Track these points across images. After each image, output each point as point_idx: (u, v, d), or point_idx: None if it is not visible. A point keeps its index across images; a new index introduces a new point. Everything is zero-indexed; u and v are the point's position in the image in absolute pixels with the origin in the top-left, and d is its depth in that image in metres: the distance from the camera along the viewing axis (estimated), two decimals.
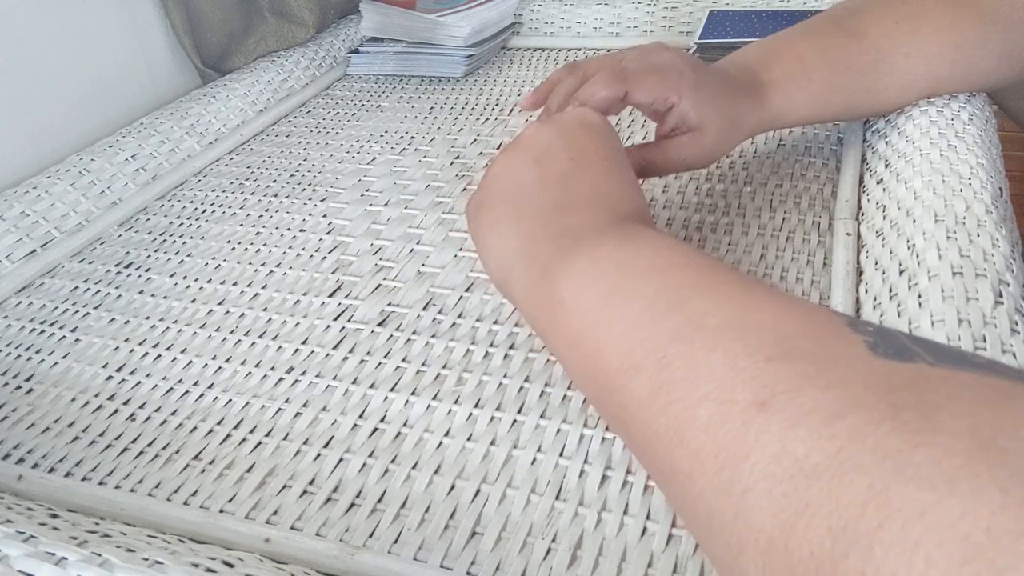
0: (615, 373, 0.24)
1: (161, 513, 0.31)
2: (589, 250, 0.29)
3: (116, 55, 0.64)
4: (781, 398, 0.19)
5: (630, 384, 0.24)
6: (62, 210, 0.52)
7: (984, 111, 0.46)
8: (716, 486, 0.19)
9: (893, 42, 0.44)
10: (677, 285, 0.25)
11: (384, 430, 0.33)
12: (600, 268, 0.28)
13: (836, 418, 0.18)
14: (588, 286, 0.27)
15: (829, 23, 0.46)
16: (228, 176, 0.59)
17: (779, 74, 0.45)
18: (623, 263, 0.27)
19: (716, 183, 0.49)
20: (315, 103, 0.72)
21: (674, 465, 0.21)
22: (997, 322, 0.30)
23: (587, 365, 0.26)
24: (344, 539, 0.29)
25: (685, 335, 0.23)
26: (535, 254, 0.30)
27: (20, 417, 0.37)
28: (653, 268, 0.26)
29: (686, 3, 0.77)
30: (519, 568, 0.27)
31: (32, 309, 0.45)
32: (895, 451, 0.16)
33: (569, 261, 0.29)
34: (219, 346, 0.40)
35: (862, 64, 0.45)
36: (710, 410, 0.20)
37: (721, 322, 0.23)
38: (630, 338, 0.24)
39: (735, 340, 0.22)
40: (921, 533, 0.15)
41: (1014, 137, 1.41)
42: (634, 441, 0.24)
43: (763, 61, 0.46)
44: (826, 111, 0.46)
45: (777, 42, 0.47)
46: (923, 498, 0.15)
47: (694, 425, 0.21)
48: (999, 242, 0.34)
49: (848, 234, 0.42)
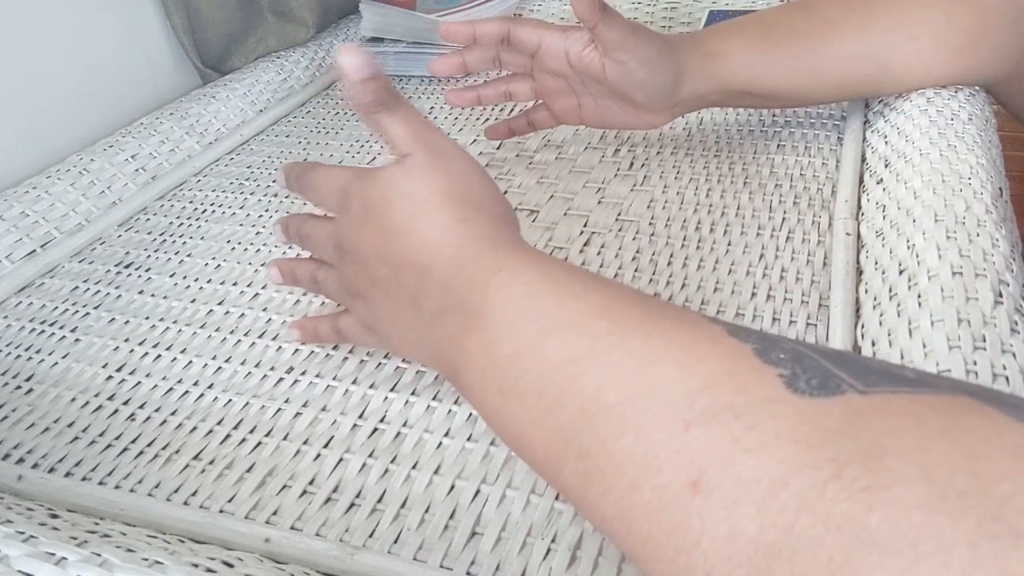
0: (542, 466, 0.24)
1: (161, 513, 0.31)
2: (458, 345, 0.27)
3: (116, 55, 0.64)
4: (713, 472, 0.18)
5: (560, 476, 0.23)
6: (62, 210, 0.52)
7: (984, 111, 0.46)
8: (676, 570, 0.18)
9: (843, 14, 0.45)
10: (556, 363, 0.23)
11: (384, 430, 0.33)
12: (477, 364, 0.26)
13: (778, 487, 0.17)
14: (481, 388, 0.26)
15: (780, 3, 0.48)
16: (228, 176, 0.59)
17: (714, 31, 0.47)
18: (491, 355, 0.25)
19: (716, 183, 0.49)
20: (315, 103, 0.72)
21: (630, 550, 0.20)
22: (997, 322, 0.30)
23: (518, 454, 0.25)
24: (344, 539, 0.29)
25: (589, 419, 0.21)
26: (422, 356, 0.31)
27: (20, 417, 0.37)
28: (519, 353, 0.24)
29: (686, 3, 0.77)
30: (519, 568, 0.27)
31: (32, 309, 0.45)
32: (848, 518, 0.15)
33: (447, 364, 0.28)
34: (219, 346, 0.40)
35: (805, 27, 0.45)
36: (645, 497, 0.19)
37: (620, 395, 0.21)
38: (541, 432, 0.23)
39: (642, 412, 0.20)
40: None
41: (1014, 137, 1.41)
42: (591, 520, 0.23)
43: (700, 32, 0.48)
44: (771, 67, 0.46)
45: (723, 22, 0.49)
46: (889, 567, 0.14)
47: (636, 512, 0.19)
48: (999, 242, 0.34)
49: (848, 234, 0.42)
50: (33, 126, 0.57)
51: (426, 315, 0.29)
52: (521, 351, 0.24)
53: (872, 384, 0.18)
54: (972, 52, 0.44)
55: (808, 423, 0.18)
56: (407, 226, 0.29)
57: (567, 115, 0.50)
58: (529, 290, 0.25)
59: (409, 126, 0.31)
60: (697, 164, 0.52)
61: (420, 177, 0.29)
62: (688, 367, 0.20)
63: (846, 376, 0.18)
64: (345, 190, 0.32)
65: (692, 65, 0.46)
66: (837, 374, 0.19)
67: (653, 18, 0.77)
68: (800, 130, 0.54)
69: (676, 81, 0.46)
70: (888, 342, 0.32)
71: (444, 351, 0.28)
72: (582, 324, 0.23)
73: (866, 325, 0.35)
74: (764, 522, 0.17)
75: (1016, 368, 0.28)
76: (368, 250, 0.31)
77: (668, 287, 0.40)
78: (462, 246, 0.28)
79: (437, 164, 0.30)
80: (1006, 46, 0.44)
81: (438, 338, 0.28)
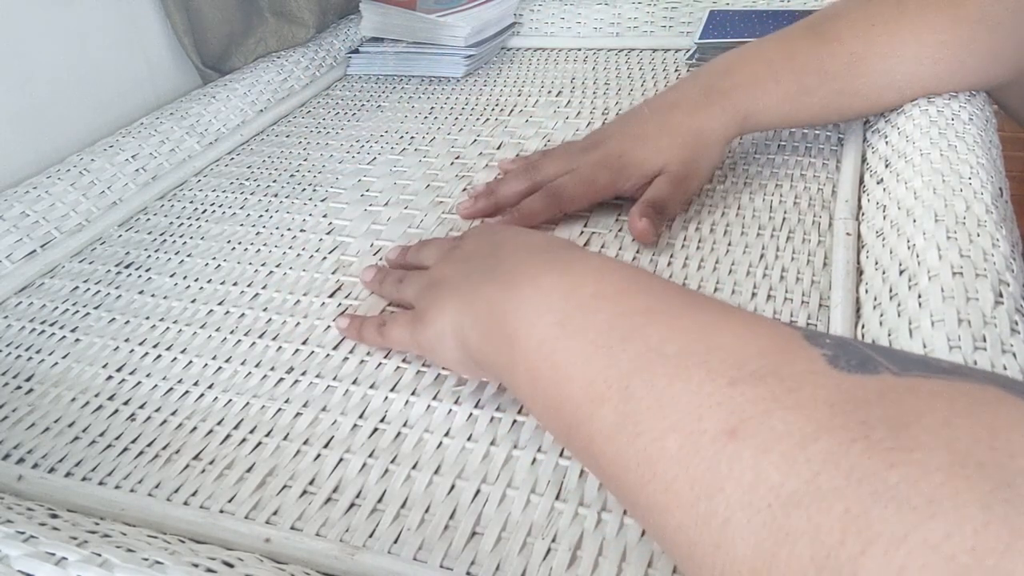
0: (579, 405, 0.24)
1: (161, 513, 0.30)
2: (532, 280, 0.28)
3: (116, 55, 0.64)
4: (750, 424, 0.19)
5: (595, 415, 0.23)
6: (62, 210, 0.52)
7: (984, 111, 0.46)
8: (694, 518, 0.19)
9: (868, 45, 0.45)
10: (628, 312, 0.25)
11: (384, 430, 0.33)
12: (546, 298, 0.27)
13: (808, 441, 0.18)
14: (538, 318, 0.27)
15: (804, 29, 0.47)
16: (228, 176, 0.59)
17: (743, 78, 0.46)
18: (568, 292, 0.27)
19: (716, 183, 0.49)
20: (315, 103, 0.72)
21: (648, 499, 0.21)
22: (997, 322, 0.30)
23: (549, 398, 0.26)
24: (344, 539, 0.29)
25: (645, 364, 0.22)
26: (481, 297, 0.30)
27: (20, 417, 0.37)
28: (600, 296, 0.26)
29: (686, 3, 0.77)
30: (519, 568, 0.27)
31: (32, 309, 0.45)
32: (870, 473, 0.16)
33: (514, 292, 0.28)
34: (219, 346, 0.40)
35: (835, 67, 0.45)
36: (679, 441, 0.20)
37: (680, 348, 0.22)
38: (590, 368, 0.24)
39: (697, 367, 0.21)
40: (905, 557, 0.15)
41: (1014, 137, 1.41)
42: (605, 474, 0.23)
43: (728, 68, 0.47)
44: (801, 112, 0.46)
45: (749, 48, 0.48)
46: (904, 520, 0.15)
47: (665, 457, 0.20)
48: (999, 242, 0.34)
49: (848, 234, 0.42)
50: (33, 126, 0.57)
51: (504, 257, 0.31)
52: (601, 295, 0.26)
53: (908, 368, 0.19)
54: (986, 72, 0.45)
55: (845, 393, 0.19)
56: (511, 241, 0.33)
57: None
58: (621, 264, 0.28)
59: None
60: None
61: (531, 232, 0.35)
62: (745, 338, 0.22)
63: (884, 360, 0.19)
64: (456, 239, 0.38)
65: (730, 133, 0.46)
66: (876, 359, 0.20)
67: (653, 18, 0.78)
68: (800, 130, 0.54)
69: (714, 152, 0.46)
70: (888, 342, 0.32)
71: (504, 286, 0.29)
72: (659, 291, 0.26)
73: (866, 325, 0.35)
74: (789, 472, 0.17)
75: (1016, 368, 0.28)
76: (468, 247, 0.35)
77: None
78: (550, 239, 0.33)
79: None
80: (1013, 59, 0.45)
81: (505, 275, 0.30)
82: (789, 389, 0.19)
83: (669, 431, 0.20)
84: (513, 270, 0.30)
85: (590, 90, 0.67)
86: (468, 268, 0.33)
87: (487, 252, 0.33)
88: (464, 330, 0.31)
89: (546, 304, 0.27)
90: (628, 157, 0.45)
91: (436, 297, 0.33)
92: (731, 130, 0.46)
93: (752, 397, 0.20)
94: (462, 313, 0.31)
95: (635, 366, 0.23)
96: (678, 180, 0.45)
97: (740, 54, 0.47)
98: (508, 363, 0.28)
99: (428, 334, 0.33)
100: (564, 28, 0.81)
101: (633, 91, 0.66)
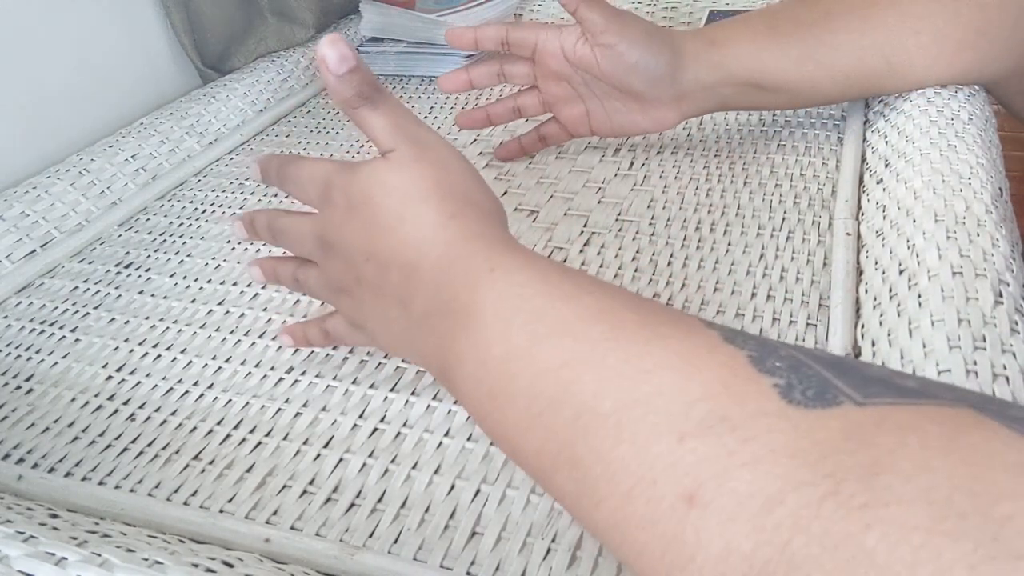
0: (535, 472, 0.23)
1: (161, 513, 0.31)
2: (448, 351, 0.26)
3: (116, 55, 0.64)
4: (708, 487, 0.18)
5: (553, 482, 0.22)
6: (62, 210, 0.52)
7: (984, 111, 0.46)
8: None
9: (845, 6, 0.45)
10: (548, 367, 0.22)
11: (384, 430, 0.33)
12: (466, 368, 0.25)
13: (774, 504, 0.16)
14: (471, 391, 0.25)
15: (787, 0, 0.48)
16: (228, 176, 0.59)
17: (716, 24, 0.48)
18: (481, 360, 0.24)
19: (716, 183, 0.49)
20: (315, 103, 0.72)
21: (625, 560, 0.20)
22: (997, 322, 0.30)
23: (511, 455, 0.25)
24: (344, 539, 0.29)
25: (583, 429, 0.21)
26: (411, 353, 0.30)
27: (20, 417, 0.37)
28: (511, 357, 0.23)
29: (686, 3, 0.77)
30: (519, 568, 0.27)
31: (32, 309, 0.45)
32: (845, 537, 0.15)
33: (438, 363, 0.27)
34: (219, 346, 0.40)
35: (810, 18, 0.45)
36: (640, 510, 0.19)
37: (615, 403, 0.20)
38: (532, 440, 0.22)
39: (638, 422, 0.20)
40: None
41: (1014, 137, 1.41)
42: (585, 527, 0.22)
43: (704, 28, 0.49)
44: (778, 54, 0.45)
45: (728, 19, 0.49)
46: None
47: (630, 524, 0.19)
48: (999, 242, 0.34)
49: (848, 234, 0.42)
50: (33, 126, 0.57)
51: (414, 315, 0.28)
52: (513, 354, 0.23)
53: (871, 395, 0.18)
54: (974, 48, 0.44)
55: (805, 437, 0.17)
56: (394, 222, 0.28)
57: (577, 125, 0.50)
58: (522, 291, 0.25)
59: (392, 118, 0.30)
60: (697, 164, 0.52)
61: (406, 170, 0.28)
62: (686, 376, 0.20)
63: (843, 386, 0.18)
64: (328, 181, 0.30)
65: (694, 50, 0.45)
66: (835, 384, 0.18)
67: (653, 18, 0.77)
68: (800, 130, 0.54)
69: (675, 64, 0.45)
70: (888, 342, 0.32)
71: (433, 352, 0.27)
72: (577, 328, 0.23)
73: (866, 325, 0.35)
74: (759, 539, 0.16)
75: (1016, 368, 0.28)
76: (352, 246, 0.29)
77: (668, 287, 0.40)
78: (452, 243, 0.27)
79: (423, 156, 0.29)
80: (1007, 44, 0.44)
81: (427, 338, 0.28)
82: (743, 439, 0.18)
83: (627, 499, 0.19)
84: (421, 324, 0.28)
85: None
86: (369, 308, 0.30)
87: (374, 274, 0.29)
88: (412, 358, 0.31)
89: (470, 376, 0.25)
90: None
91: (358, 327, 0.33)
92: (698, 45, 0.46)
93: (704, 454, 0.18)
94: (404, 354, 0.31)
95: (574, 432, 0.21)
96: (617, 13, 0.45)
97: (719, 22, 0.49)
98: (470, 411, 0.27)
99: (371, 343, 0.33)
100: None
101: None
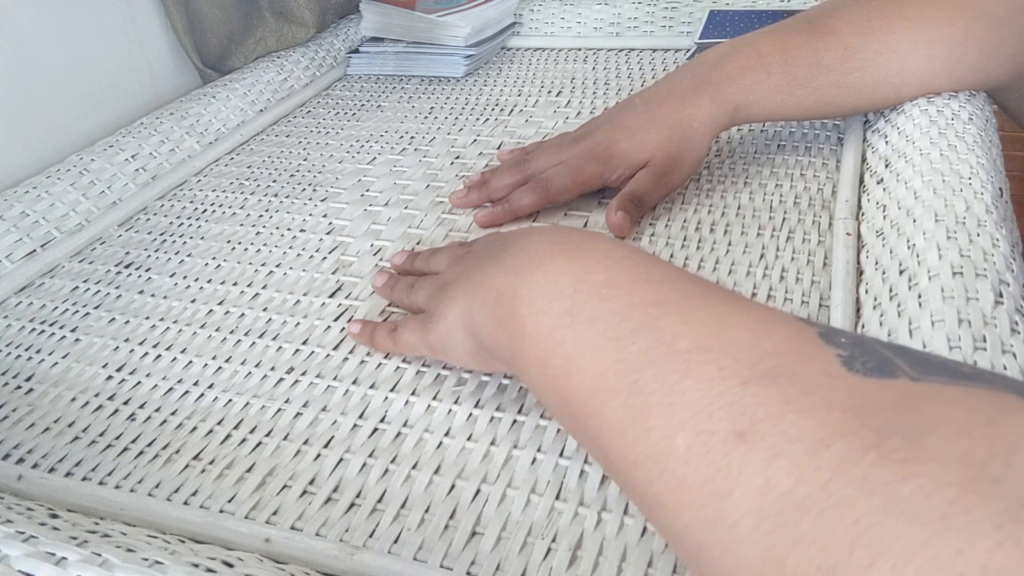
0: (588, 397, 0.23)
1: (161, 513, 0.30)
2: (540, 266, 0.27)
3: (116, 55, 0.64)
4: (761, 426, 0.18)
5: (605, 409, 0.23)
6: (62, 210, 0.52)
7: (984, 111, 0.46)
8: (702, 521, 0.19)
9: (863, 39, 0.44)
10: (641, 302, 0.24)
11: (384, 430, 0.33)
12: (555, 284, 0.26)
13: (820, 447, 0.17)
14: (547, 305, 0.26)
15: (800, 22, 0.47)
16: (228, 176, 0.59)
17: (734, 69, 0.46)
18: (578, 279, 0.26)
19: (716, 183, 0.49)
20: (315, 103, 0.72)
21: (656, 497, 0.20)
22: (997, 322, 0.30)
23: (558, 389, 0.25)
24: (344, 539, 0.29)
25: (657, 358, 0.22)
26: (490, 284, 0.29)
27: (20, 417, 0.37)
28: (611, 284, 0.25)
29: (686, 3, 0.77)
30: (519, 568, 0.27)
31: (32, 309, 0.45)
32: (883, 484, 0.16)
33: (523, 278, 0.28)
34: (219, 346, 0.40)
35: (829, 59, 0.45)
36: (688, 440, 0.20)
37: (693, 343, 0.22)
38: (599, 361, 0.23)
39: (709, 363, 0.21)
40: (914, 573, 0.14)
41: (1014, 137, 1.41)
42: (613, 469, 0.23)
43: (721, 58, 0.47)
44: (793, 105, 0.46)
45: (742, 39, 0.48)
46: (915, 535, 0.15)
47: (673, 456, 0.20)
48: (999, 242, 0.34)
49: (848, 234, 0.42)
50: (33, 126, 0.57)
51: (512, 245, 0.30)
52: (612, 283, 0.25)
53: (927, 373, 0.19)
54: (983, 69, 0.45)
55: (859, 397, 0.18)
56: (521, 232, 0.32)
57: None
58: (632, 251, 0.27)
59: None
60: None
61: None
62: (759, 334, 0.21)
63: (902, 363, 0.19)
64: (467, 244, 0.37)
65: (719, 124, 0.46)
66: (895, 361, 0.19)
67: (653, 18, 0.78)
68: (800, 130, 0.54)
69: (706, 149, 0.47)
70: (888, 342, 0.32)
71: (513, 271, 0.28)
72: (675, 283, 0.25)
73: (866, 325, 0.35)
74: (799, 477, 0.17)
75: (1016, 368, 0.28)
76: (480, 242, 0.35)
77: None
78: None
79: None
80: (1013, 57, 0.45)
81: (513, 261, 0.29)
82: (802, 391, 0.19)
83: (679, 429, 0.20)
84: (522, 256, 0.29)
85: (590, 90, 0.67)
86: (478, 261, 0.33)
87: (496, 248, 0.33)
88: (474, 318, 0.30)
89: (556, 290, 0.26)
90: (615, 148, 0.46)
91: (446, 295, 0.33)
92: (720, 121, 0.46)
93: (764, 398, 0.19)
94: (471, 302, 0.31)
95: (646, 360, 0.22)
96: (660, 174, 0.45)
97: (733, 45, 0.47)
98: (518, 350, 0.27)
99: (439, 330, 0.33)
100: (564, 28, 0.81)
101: (633, 91, 0.66)
